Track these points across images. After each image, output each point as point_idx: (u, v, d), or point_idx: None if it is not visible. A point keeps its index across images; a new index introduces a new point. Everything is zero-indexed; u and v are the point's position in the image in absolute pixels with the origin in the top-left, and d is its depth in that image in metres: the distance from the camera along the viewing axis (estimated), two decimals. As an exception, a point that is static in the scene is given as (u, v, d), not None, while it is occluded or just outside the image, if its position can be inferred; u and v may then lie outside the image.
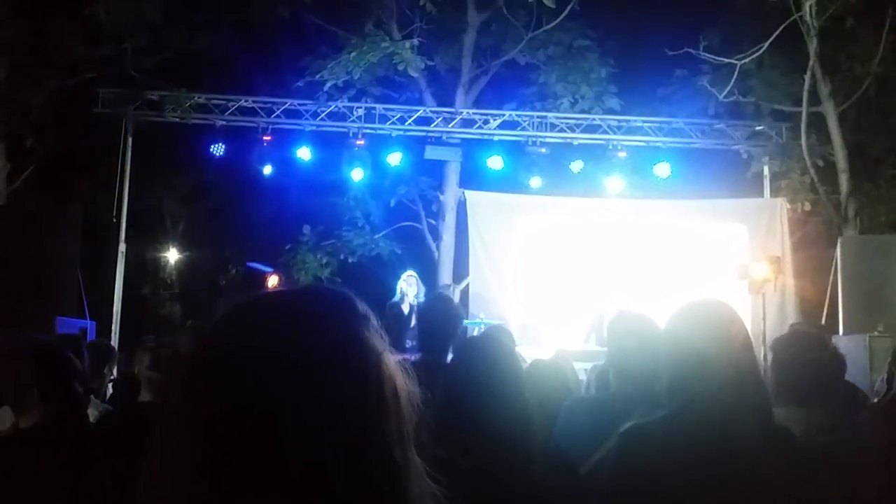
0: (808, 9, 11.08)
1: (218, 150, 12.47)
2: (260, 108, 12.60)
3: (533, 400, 3.38)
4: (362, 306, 0.94)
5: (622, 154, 12.65)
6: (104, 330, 11.56)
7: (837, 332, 9.79)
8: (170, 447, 0.85)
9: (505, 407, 2.18)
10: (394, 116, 12.83)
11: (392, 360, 0.91)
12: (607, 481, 2.22)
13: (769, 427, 2.18)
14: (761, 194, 13.28)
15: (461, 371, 2.37)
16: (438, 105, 13.84)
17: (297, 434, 0.82)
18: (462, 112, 13.25)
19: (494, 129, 12.88)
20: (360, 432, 0.85)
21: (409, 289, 9.12)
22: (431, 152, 12.86)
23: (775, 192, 13.15)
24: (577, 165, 12.63)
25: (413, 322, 8.40)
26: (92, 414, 4.24)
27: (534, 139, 12.65)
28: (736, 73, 11.91)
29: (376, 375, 0.88)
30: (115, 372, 6.33)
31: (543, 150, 12.64)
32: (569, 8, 12.70)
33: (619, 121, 13.01)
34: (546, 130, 12.79)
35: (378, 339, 0.92)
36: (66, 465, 2.67)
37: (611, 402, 3.12)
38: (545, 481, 2.20)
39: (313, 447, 0.82)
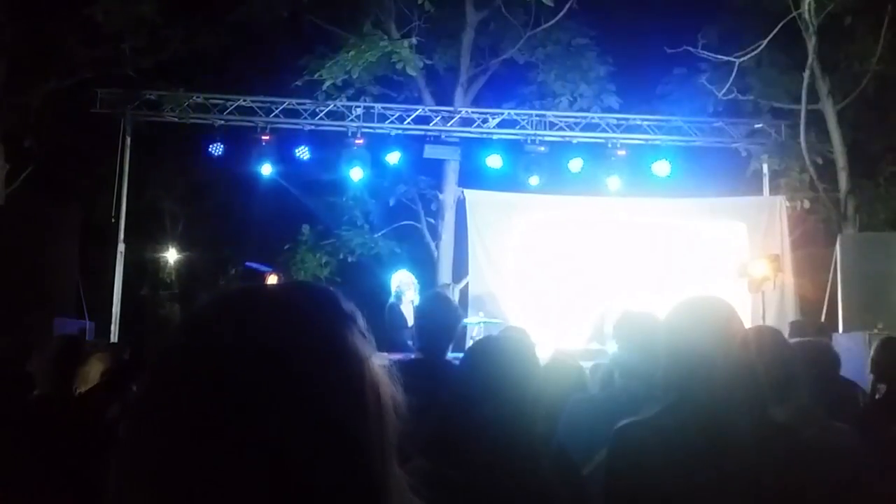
0: (806, 6, 11.07)
1: (217, 149, 12.45)
2: (258, 107, 12.58)
3: (547, 399, 3.36)
4: (348, 305, 0.89)
5: (621, 152, 12.63)
6: (103, 331, 11.55)
7: (837, 330, 9.79)
8: (139, 441, 0.81)
9: (509, 411, 2.13)
10: (392, 115, 12.82)
11: (377, 366, 0.87)
12: (604, 480, 2.21)
13: (764, 423, 2.17)
14: (760, 192, 13.28)
15: (467, 371, 2.33)
16: (437, 104, 13.83)
17: (269, 436, 0.77)
18: (461, 111, 13.24)
19: (493, 127, 12.88)
20: (337, 439, 0.80)
21: (408, 289, 9.08)
22: (430, 151, 12.85)
23: (774, 190, 13.15)
24: (576, 164, 12.62)
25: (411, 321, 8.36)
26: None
27: (533, 138, 12.64)
28: (735, 70, 11.90)
29: (358, 380, 0.84)
30: None
31: (542, 148, 12.62)
32: (567, 6, 12.70)
33: (618, 119, 13.01)
34: (545, 129, 12.78)
35: (363, 341, 0.87)
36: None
37: (615, 400, 3.10)
38: (550, 487, 2.16)
39: (285, 451, 0.77)
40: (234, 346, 0.81)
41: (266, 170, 12.63)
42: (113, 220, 12.41)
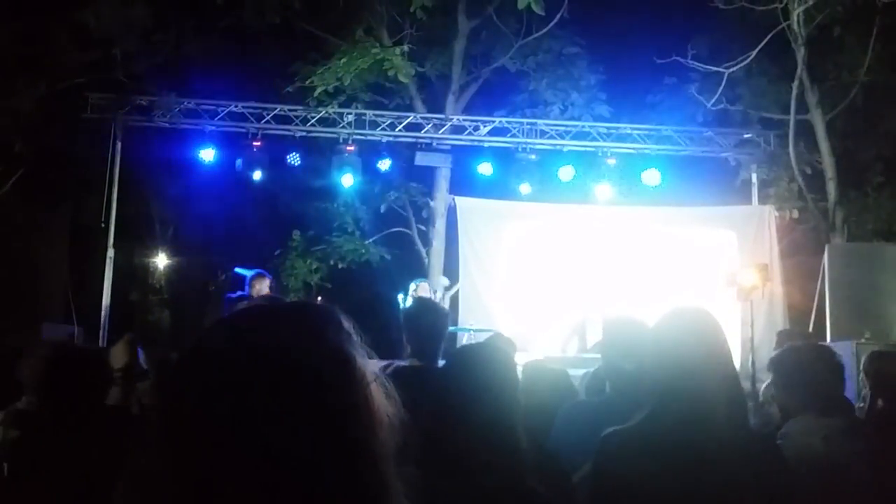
0: (795, 17, 11.15)
1: (207, 155, 12.44)
2: (250, 113, 12.57)
3: (532, 403, 3.38)
4: (347, 323, 0.96)
5: (611, 161, 12.68)
6: (92, 336, 11.49)
7: (825, 339, 9.83)
8: (156, 450, 0.85)
9: (495, 418, 2.14)
10: (384, 122, 12.83)
11: (375, 377, 0.93)
12: (588, 486, 2.23)
13: (745, 434, 2.19)
14: (749, 202, 13.33)
15: (452, 378, 2.34)
16: (429, 111, 13.84)
17: (279, 444, 0.83)
18: (452, 118, 13.26)
19: (484, 135, 12.90)
20: (345, 445, 0.85)
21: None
22: (422, 158, 12.86)
23: (763, 200, 13.20)
24: (566, 172, 12.66)
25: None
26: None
27: (524, 146, 12.67)
28: (724, 81, 11.97)
29: (363, 391, 0.90)
30: None
31: (533, 156, 12.66)
32: (559, 15, 12.73)
33: (608, 128, 13.05)
34: (536, 137, 12.81)
35: (363, 356, 0.94)
36: None
37: (608, 407, 3.11)
38: (537, 494, 2.17)
39: (292, 459, 0.83)
40: (246, 360, 0.88)
41: (257, 176, 12.61)
42: (102, 225, 12.35)
